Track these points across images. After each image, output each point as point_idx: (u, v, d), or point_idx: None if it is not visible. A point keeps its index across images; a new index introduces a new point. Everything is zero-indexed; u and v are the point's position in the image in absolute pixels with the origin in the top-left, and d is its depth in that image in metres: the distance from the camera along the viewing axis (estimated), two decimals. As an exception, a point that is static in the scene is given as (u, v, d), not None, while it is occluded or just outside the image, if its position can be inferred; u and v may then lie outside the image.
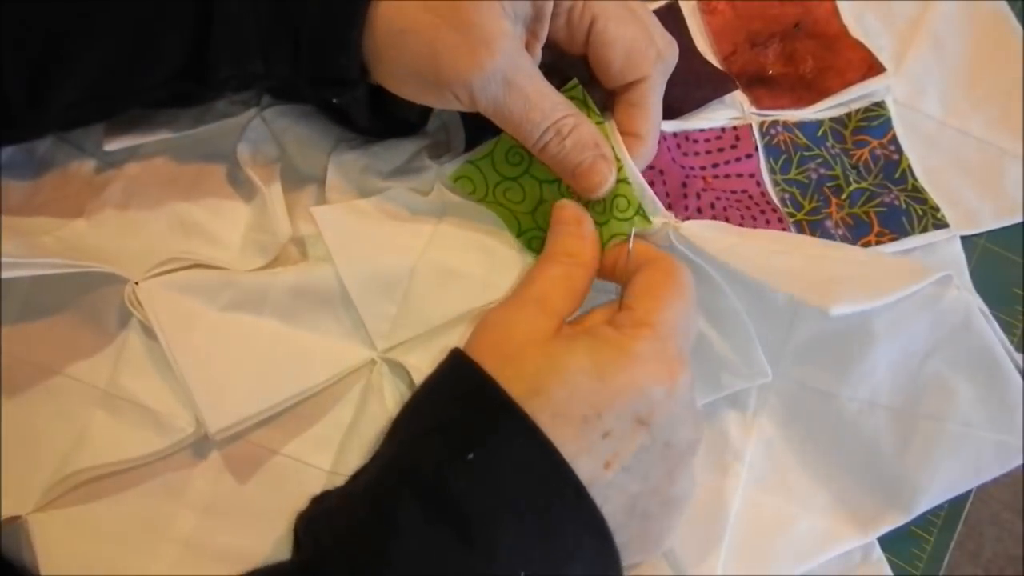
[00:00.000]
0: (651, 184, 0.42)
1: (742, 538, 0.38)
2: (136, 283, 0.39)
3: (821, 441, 0.39)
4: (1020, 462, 0.38)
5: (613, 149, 0.39)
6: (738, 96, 0.47)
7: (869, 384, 0.39)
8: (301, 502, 0.33)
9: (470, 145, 0.43)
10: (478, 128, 0.42)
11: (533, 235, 0.40)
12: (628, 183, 0.39)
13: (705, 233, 0.38)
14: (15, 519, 0.37)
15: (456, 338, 0.39)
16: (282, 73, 0.38)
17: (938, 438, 0.38)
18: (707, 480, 0.38)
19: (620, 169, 0.39)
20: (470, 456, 0.29)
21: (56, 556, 0.37)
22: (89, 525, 0.38)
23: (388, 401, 0.39)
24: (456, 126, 0.44)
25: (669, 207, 0.42)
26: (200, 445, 0.39)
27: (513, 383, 0.31)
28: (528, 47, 0.37)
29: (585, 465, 0.30)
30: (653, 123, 0.39)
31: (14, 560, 0.38)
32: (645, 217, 0.38)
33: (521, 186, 0.41)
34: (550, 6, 0.36)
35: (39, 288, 0.39)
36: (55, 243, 0.41)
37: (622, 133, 0.39)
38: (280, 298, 0.40)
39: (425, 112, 0.44)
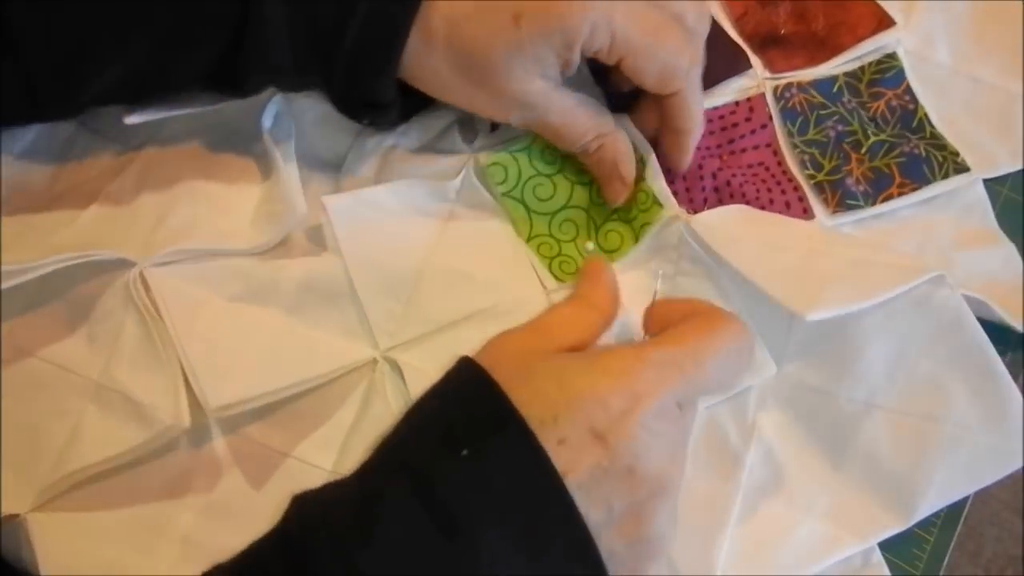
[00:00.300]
0: (667, 170, 0.44)
1: (742, 543, 0.38)
2: (143, 270, 0.39)
3: (821, 444, 0.40)
4: (1016, 467, 0.38)
5: (637, 149, 0.42)
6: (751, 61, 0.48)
7: (867, 384, 0.39)
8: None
9: (495, 124, 0.44)
10: None
11: (543, 241, 0.42)
12: (646, 182, 0.41)
13: (715, 223, 0.40)
14: (13, 517, 0.37)
15: (458, 339, 0.40)
16: (316, 85, 0.41)
17: (934, 439, 0.38)
18: (707, 485, 0.39)
19: (645, 168, 0.42)
20: (464, 452, 0.29)
21: (56, 556, 0.37)
22: (89, 525, 0.38)
23: (392, 401, 0.39)
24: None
25: (687, 190, 0.44)
26: (200, 444, 0.39)
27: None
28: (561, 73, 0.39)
29: None
30: (695, 118, 0.42)
31: (13, 560, 0.38)
32: (659, 204, 0.41)
33: (553, 183, 0.43)
34: (577, 58, 0.38)
35: (42, 278, 0.39)
36: (71, 237, 0.42)
37: (669, 130, 0.42)
38: (288, 291, 0.41)
39: None
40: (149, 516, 0.38)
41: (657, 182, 0.41)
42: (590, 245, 0.43)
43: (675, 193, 0.44)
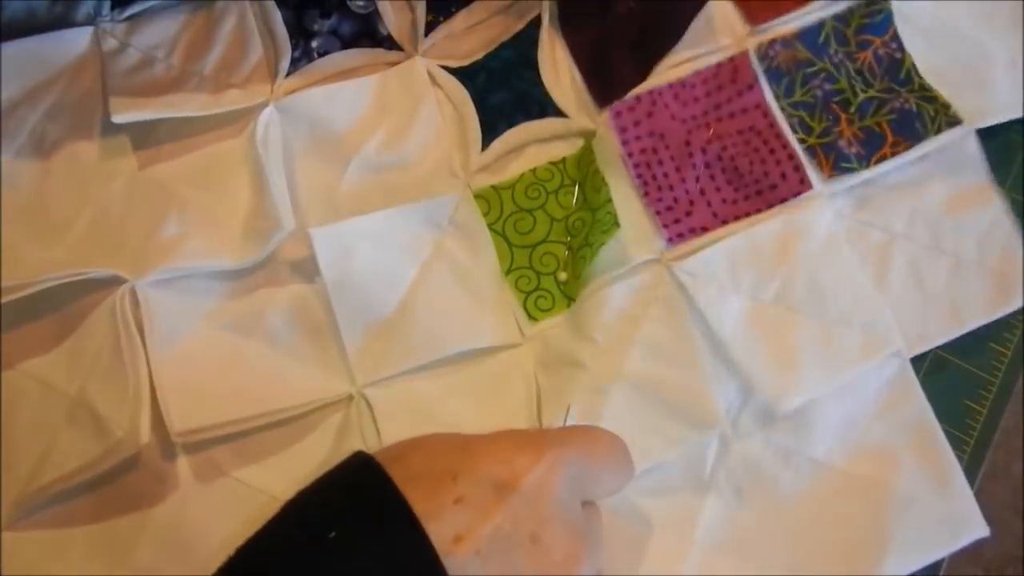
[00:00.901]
0: (653, 151, 0.43)
1: None
2: (134, 287, 0.39)
3: (779, 503, 0.39)
4: (971, 539, 0.38)
5: (605, 183, 0.42)
6: (729, 16, 0.45)
7: (824, 444, 0.40)
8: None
9: (486, 137, 0.44)
10: (493, 123, 0.44)
11: (522, 274, 0.42)
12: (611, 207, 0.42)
13: (699, 271, 0.41)
14: None
15: (433, 381, 0.40)
16: None
17: (887, 504, 0.38)
18: (661, 542, 0.38)
19: (610, 201, 0.42)
20: (332, 535, 0.27)
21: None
22: (56, 547, 0.38)
23: (367, 437, 0.39)
24: (473, 125, 0.44)
25: (677, 170, 0.42)
26: (166, 469, 0.39)
27: (379, 458, 0.29)
28: None
29: (431, 533, 0.26)
30: None
31: None
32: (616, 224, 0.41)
33: (533, 217, 0.43)
34: None
35: (34, 294, 0.39)
36: (61, 254, 0.41)
37: None
38: (271, 322, 0.41)
39: None
40: (111, 541, 0.38)
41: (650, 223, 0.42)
42: (563, 275, 0.42)
43: (665, 175, 0.42)
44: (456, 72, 0.45)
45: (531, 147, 0.44)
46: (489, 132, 0.44)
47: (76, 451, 0.37)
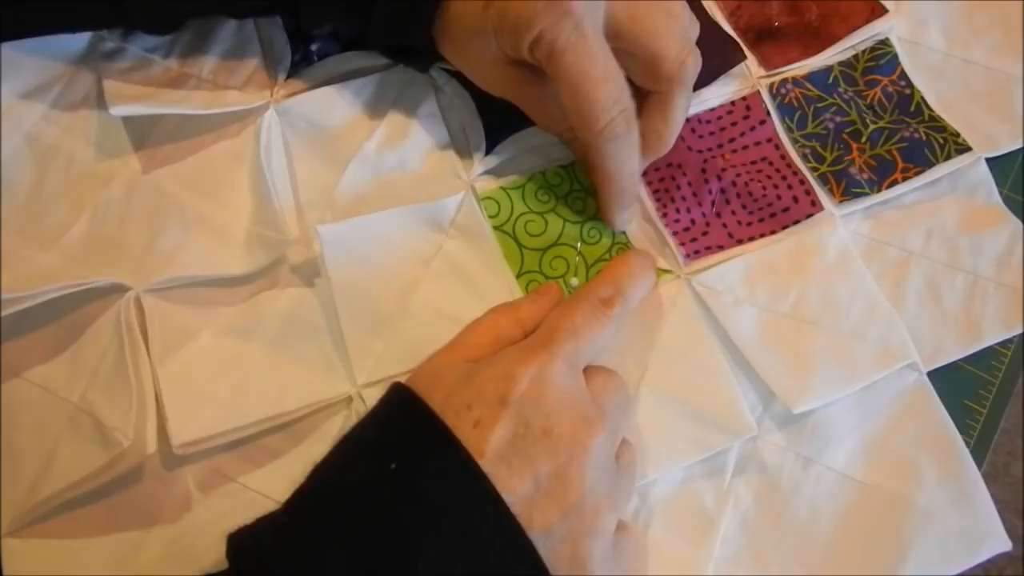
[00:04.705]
0: (672, 178, 0.45)
1: None
2: (139, 295, 0.40)
3: (798, 515, 0.39)
4: (989, 555, 0.38)
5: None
6: (744, 62, 0.49)
7: (843, 454, 0.40)
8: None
9: (490, 141, 0.45)
10: (496, 131, 0.45)
11: (532, 278, 0.43)
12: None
13: (715, 285, 0.42)
14: None
15: None
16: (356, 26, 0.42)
17: (907, 517, 0.39)
18: (677, 550, 0.39)
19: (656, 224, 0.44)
20: (392, 466, 0.31)
21: None
22: (60, 553, 0.37)
23: None
24: (475, 128, 0.45)
25: (694, 195, 0.45)
26: (171, 475, 0.39)
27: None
28: None
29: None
30: (670, 126, 0.42)
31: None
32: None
33: (545, 220, 0.44)
34: (522, 58, 0.39)
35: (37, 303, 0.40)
36: (59, 258, 0.41)
37: (645, 130, 0.42)
38: (271, 325, 0.41)
39: None
40: (117, 548, 0.38)
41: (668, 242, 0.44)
42: (575, 281, 0.43)
43: (683, 198, 0.45)
44: (457, 74, 0.45)
45: (536, 152, 0.45)
46: (492, 136, 0.44)
47: (78, 458, 0.38)
